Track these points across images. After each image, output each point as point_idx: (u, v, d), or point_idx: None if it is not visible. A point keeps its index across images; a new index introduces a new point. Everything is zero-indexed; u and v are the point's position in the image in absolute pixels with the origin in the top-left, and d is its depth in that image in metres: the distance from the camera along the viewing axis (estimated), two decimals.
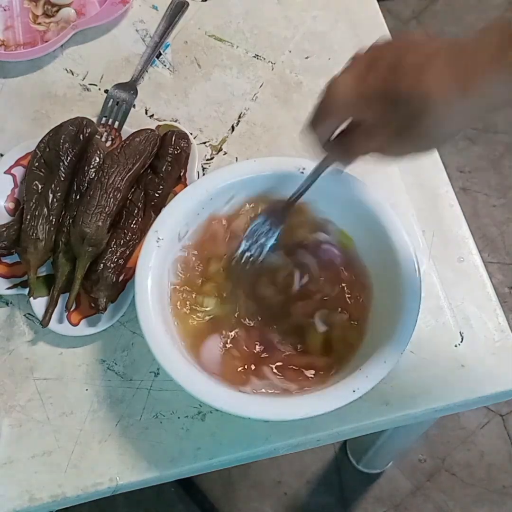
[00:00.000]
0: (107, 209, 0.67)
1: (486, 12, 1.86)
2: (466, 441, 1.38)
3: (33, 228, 0.67)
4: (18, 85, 0.82)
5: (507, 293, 1.53)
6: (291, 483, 1.33)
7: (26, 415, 0.65)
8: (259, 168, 0.66)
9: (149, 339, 0.59)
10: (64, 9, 0.85)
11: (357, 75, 0.50)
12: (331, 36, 0.85)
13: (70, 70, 0.83)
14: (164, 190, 0.71)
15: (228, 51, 0.84)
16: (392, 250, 0.63)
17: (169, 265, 0.64)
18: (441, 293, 0.69)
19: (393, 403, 0.64)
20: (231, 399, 0.58)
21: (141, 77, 0.81)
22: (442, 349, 0.67)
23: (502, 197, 1.64)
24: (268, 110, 0.80)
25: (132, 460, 0.63)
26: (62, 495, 0.62)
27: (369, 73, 0.49)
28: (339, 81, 0.51)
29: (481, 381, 0.66)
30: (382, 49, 0.51)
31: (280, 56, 0.84)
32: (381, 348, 0.59)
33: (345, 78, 0.51)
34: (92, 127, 0.72)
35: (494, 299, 0.69)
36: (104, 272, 0.66)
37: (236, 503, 1.31)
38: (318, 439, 0.64)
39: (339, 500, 1.32)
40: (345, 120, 0.54)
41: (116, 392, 0.65)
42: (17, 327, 0.68)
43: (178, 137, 0.73)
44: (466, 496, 1.33)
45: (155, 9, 0.86)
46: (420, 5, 1.87)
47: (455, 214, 0.74)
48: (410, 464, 1.35)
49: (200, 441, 0.63)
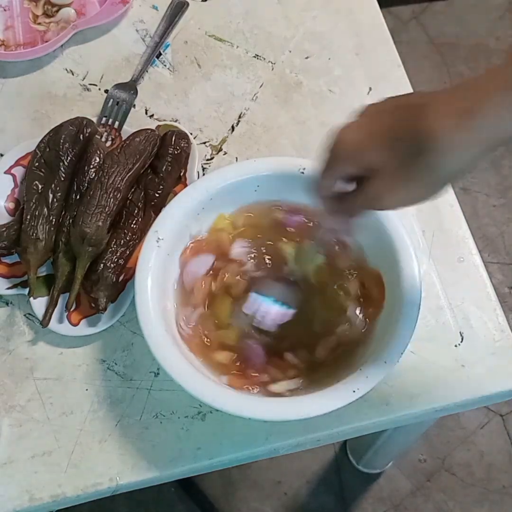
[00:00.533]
0: (107, 209, 0.67)
1: (486, 12, 1.86)
2: (466, 441, 1.38)
3: (33, 228, 0.67)
4: (18, 85, 0.82)
5: (507, 293, 1.53)
6: (291, 483, 1.33)
7: (26, 415, 0.65)
8: (259, 168, 0.66)
9: (149, 339, 0.59)
10: (64, 9, 0.85)
11: (364, 122, 0.51)
12: (331, 36, 0.85)
13: (70, 70, 0.83)
14: (164, 190, 0.71)
15: (228, 51, 0.84)
16: (392, 250, 0.63)
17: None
18: (441, 293, 0.69)
19: (393, 403, 0.64)
20: (231, 399, 0.58)
21: (141, 77, 0.81)
22: (442, 349, 0.67)
23: (502, 197, 1.64)
24: (268, 110, 0.80)
25: (132, 460, 0.63)
26: (62, 495, 0.62)
27: (375, 119, 0.50)
28: (347, 127, 0.52)
29: (481, 381, 0.66)
30: (387, 100, 0.51)
31: (280, 56, 0.84)
32: (381, 348, 0.59)
33: (353, 125, 0.51)
34: (92, 127, 0.72)
35: (494, 299, 0.69)
36: (104, 272, 0.66)
37: (236, 503, 1.31)
38: (318, 439, 0.64)
39: (339, 500, 1.32)
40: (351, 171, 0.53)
41: (116, 392, 0.65)
42: (17, 327, 0.68)
43: (178, 137, 0.73)
44: (466, 496, 1.33)
45: (155, 9, 0.86)
46: (420, 5, 1.87)
47: (455, 214, 0.74)
48: (410, 464, 1.35)
49: (200, 441, 0.63)
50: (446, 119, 0.46)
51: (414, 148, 0.47)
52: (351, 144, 0.51)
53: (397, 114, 0.49)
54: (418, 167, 0.48)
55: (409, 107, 0.49)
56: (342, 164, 0.52)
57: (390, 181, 0.50)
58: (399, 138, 0.48)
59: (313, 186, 0.56)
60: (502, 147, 0.47)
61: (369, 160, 0.50)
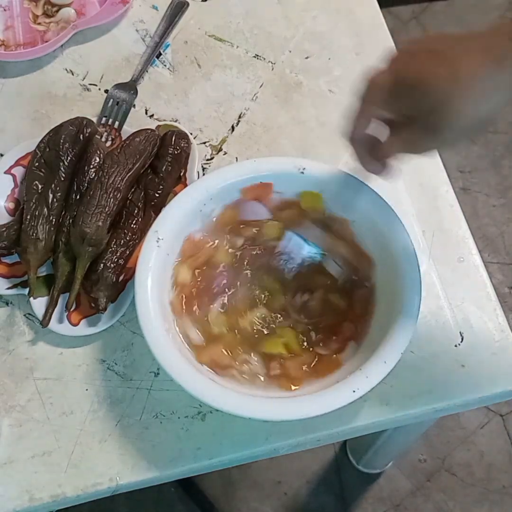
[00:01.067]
0: (107, 209, 0.67)
1: (486, 12, 1.86)
2: (466, 441, 1.38)
3: (33, 228, 0.67)
4: (18, 85, 0.82)
5: (507, 293, 1.53)
6: (291, 483, 1.33)
7: (26, 415, 0.65)
8: (259, 168, 0.66)
9: (149, 339, 0.59)
10: (64, 9, 0.85)
11: (397, 68, 0.51)
12: (331, 36, 0.85)
13: (70, 70, 0.83)
14: (164, 190, 0.71)
15: (228, 51, 0.84)
16: (392, 250, 0.63)
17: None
18: (441, 293, 0.69)
19: (393, 403, 0.64)
20: (231, 399, 0.58)
21: (141, 77, 0.81)
22: (442, 349, 0.67)
23: (502, 197, 1.64)
24: (268, 110, 0.80)
25: (132, 460, 0.63)
26: (62, 495, 0.62)
27: (408, 65, 0.51)
28: (381, 73, 0.52)
29: (481, 381, 0.66)
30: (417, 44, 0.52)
31: (280, 56, 0.84)
32: (381, 348, 0.59)
33: (386, 70, 0.52)
34: (92, 127, 0.72)
35: (494, 299, 0.69)
36: (104, 272, 0.66)
37: (236, 503, 1.31)
38: (318, 439, 0.64)
39: (339, 500, 1.32)
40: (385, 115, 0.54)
41: (116, 392, 0.65)
42: (17, 327, 0.68)
43: (178, 137, 0.73)
44: (466, 496, 1.33)
45: (155, 9, 0.86)
46: (420, 5, 1.87)
47: (455, 214, 0.74)
48: (410, 464, 1.35)
49: (200, 441, 0.63)
50: (479, 65, 0.47)
51: (446, 94, 0.48)
52: (383, 90, 0.51)
53: (430, 60, 0.49)
54: (454, 111, 0.48)
55: (442, 53, 0.49)
56: (374, 108, 0.53)
57: (427, 126, 0.50)
58: (434, 84, 0.49)
59: (345, 130, 0.56)
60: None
61: (404, 105, 0.51)
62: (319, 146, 0.77)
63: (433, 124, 0.50)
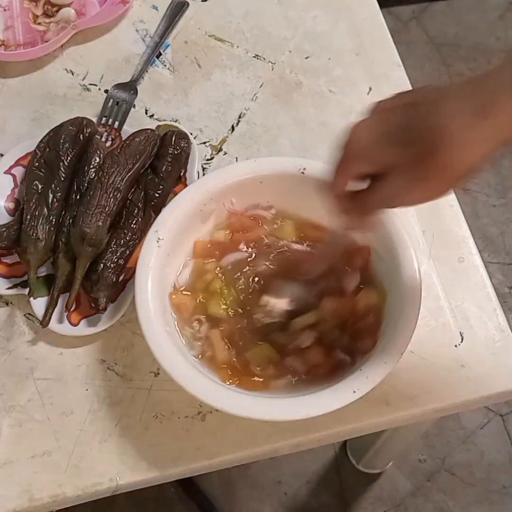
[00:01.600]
0: (107, 209, 0.67)
1: (486, 12, 1.87)
2: (466, 441, 1.38)
3: (33, 228, 0.67)
4: (18, 85, 0.82)
5: (507, 293, 1.53)
6: (291, 483, 1.33)
7: (26, 415, 0.65)
8: (259, 168, 0.66)
9: (149, 339, 0.59)
10: (64, 9, 0.85)
11: (376, 120, 0.51)
12: (331, 36, 0.85)
13: (70, 70, 0.83)
14: (164, 190, 0.71)
15: (228, 51, 0.84)
16: (391, 251, 0.63)
17: None
18: (441, 293, 0.69)
19: (393, 403, 0.64)
20: (231, 399, 0.58)
21: (141, 77, 0.81)
22: (442, 349, 0.67)
23: (502, 197, 1.64)
24: (268, 110, 0.80)
25: (132, 460, 0.63)
26: (62, 495, 0.62)
27: (387, 117, 0.50)
28: (359, 126, 0.51)
29: (481, 381, 0.66)
30: (397, 97, 0.51)
31: (280, 56, 0.84)
32: (381, 349, 0.59)
33: (365, 123, 0.51)
34: (92, 127, 0.72)
35: (494, 299, 0.69)
36: (104, 272, 0.66)
37: (236, 503, 1.31)
38: (318, 439, 0.64)
39: (339, 500, 1.32)
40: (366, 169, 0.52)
41: (116, 392, 0.65)
42: (17, 327, 0.68)
43: (178, 137, 0.73)
44: (466, 496, 1.33)
45: (155, 9, 0.86)
46: (420, 5, 1.88)
47: (455, 214, 0.74)
48: (410, 464, 1.35)
49: (200, 441, 0.63)
50: (458, 117, 0.46)
51: (429, 146, 0.47)
52: (365, 142, 0.51)
53: (409, 111, 0.49)
54: (434, 164, 0.48)
55: (421, 104, 0.48)
56: (356, 163, 0.52)
57: (406, 178, 0.49)
58: (413, 136, 0.48)
59: (325, 185, 0.55)
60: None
61: (384, 158, 0.50)
62: (319, 146, 0.77)
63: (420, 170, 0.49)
